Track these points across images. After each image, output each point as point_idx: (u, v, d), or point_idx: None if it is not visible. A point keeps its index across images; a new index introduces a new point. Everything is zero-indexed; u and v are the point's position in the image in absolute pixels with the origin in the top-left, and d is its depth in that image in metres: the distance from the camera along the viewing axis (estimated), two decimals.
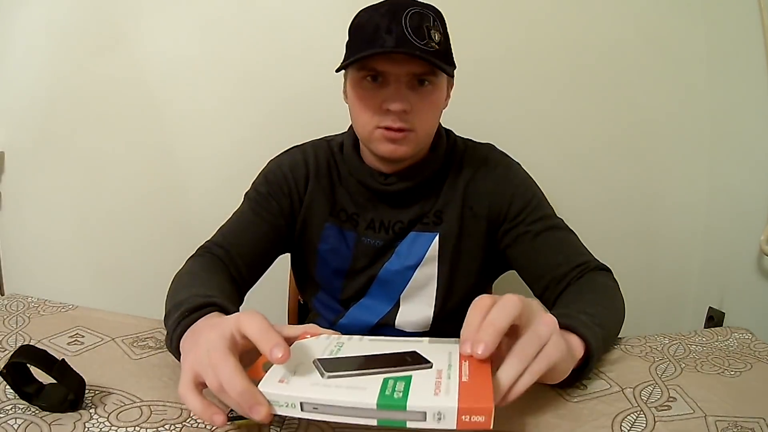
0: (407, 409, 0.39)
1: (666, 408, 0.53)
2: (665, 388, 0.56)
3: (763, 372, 0.60)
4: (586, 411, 0.52)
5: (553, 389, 0.55)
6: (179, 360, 0.54)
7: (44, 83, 1.40)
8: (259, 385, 0.43)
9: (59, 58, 1.38)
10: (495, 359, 0.46)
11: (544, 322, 0.49)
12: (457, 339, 0.48)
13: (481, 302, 0.48)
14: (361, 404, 0.40)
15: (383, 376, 0.43)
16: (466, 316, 0.47)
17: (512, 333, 0.48)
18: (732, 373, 0.60)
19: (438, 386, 0.41)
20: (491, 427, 0.38)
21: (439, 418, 0.39)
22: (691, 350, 0.66)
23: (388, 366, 0.45)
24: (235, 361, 0.44)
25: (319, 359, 0.46)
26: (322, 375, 0.43)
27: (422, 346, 0.50)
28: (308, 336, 0.53)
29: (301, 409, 0.41)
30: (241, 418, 0.46)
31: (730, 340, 0.68)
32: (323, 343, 0.51)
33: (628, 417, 0.51)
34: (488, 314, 0.46)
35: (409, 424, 0.40)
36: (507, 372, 0.46)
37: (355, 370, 0.44)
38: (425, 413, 0.39)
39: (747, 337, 0.69)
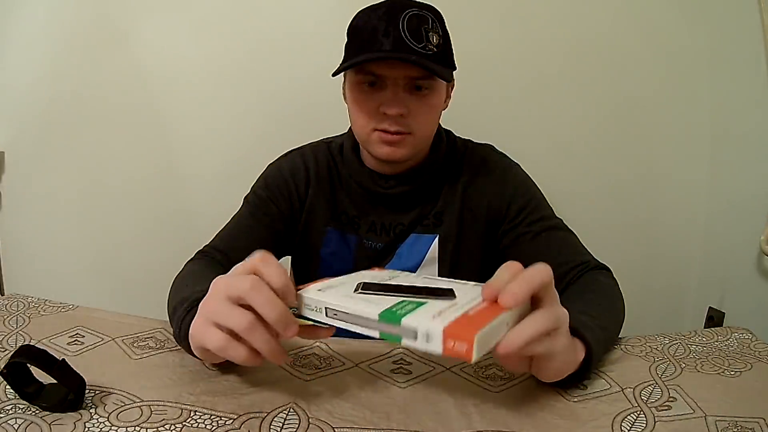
0: (401, 324, 0.41)
1: (666, 408, 0.53)
2: (665, 388, 0.56)
3: (763, 372, 0.60)
4: (586, 411, 0.52)
5: (553, 389, 0.55)
6: (189, 351, 0.55)
7: (44, 83, 1.40)
8: (299, 290, 0.48)
9: (59, 58, 1.38)
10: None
11: (563, 312, 0.49)
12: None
13: (511, 265, 0.47)
14: (366, 314, 0.43)
15: (403, 297, 0.46)
16: (496, 273, 0.47)
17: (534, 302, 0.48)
18: (732, 373, 0.60)
19: (441, 312, 0.42)
20: (472, 359, 0.39)
21: (427, 339, 0.40)
22: (691, 350, 0.65)
23: (416, 293, 0.47)
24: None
25: (364, 282, 0.50)
26: (355, 291, 0.48)
27: (464, 286, 0.51)
28: (374, 270, 0.58)
29: (326, 314, 0.46)
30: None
31: (730, 340, 0.68)
32: (380, 274, 0.56)
33: (628, 417, 0.51)
34: (523, 272, 0.46)
35: (404, 342, 0.41)
36: (528, 328, 0.45)
37: (386, 291, 0.47)
38: (416, 332, 0.40)
39: (747, 337, 0.69)
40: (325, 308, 0.46)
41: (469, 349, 0.38)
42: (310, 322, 0.48)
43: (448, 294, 0.47)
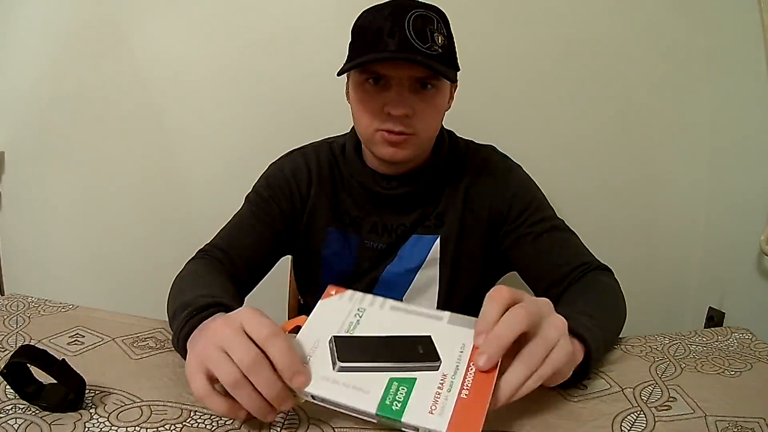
0: (402, 421, 0.42)
1: (666, 408, 0.53)
2: (665, 388, 0.56)
3: (763, 372, 0.60)
4: (586, 411, 0.52)
5: (553, 389, 0.55)
6: (186, 359, 0.54)
7: (44, 83, 1.40)
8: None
9: (59, 59, 1.38)
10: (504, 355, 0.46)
11: (554, 325, 0.49)
12: (474, 320, 0.49)
13: (499, 297, 0.47)
14: (362, 408, 0.43)
15: (390, 375, 0.45)
16: (483, 307, 0.47)
17: (521, 336, 0.47)
18: (732, 373, 0.60)
19: (436, 401, 0.43)
20: None
21: None
22: (691, 350, 0.65)
23: (398, 359, 0.46)
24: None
25: (335, 337, 0.48)
26: (333, 365, 0.46)
27: (440, 327, 0.50)
28: (333, 293, 0.55)
29: (312, 398, 0.45)
30: None
31: (730, 340, 0.68)
32: (345, 307, 0.53)
33: (628, 417, 0.51)
34: (497, 325, 0.45)
35: (404, 430, 0.43)
36: (512, 378, 0.46)
37: (366, 360, 0.46)
38: (418, 429, 0.42)
39: (747, 337, 0.69)
40: (312, 396, 0.45)
41: None
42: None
43: (433, 357, 0.47)
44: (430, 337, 0.49)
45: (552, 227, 0.82)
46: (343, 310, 0.52)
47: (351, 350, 0.47)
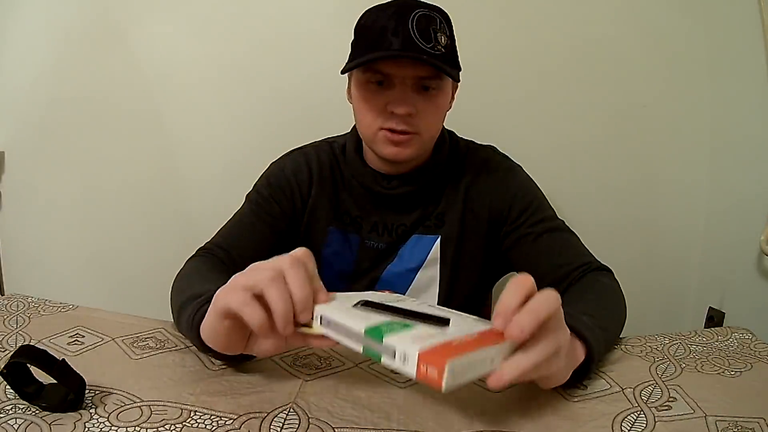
0: (383, 342, 0.41)
1: (666, 408, 0.53)
2: (665, 388, 0.56)
3: (763, 372, 0.60)
4: (586, 411, 0.52)
5: (553, 389, 0.55)
6: (199, 347, 0.57)
7: (44, 83, 1.40)
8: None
9: (59, 59, 1.38)
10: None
11: (565, 332, 0.49)
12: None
13: (522, 281, 0.46)
14: (353, 327, 0.44)
15: (395, 318, 0.46)
16: (504, 292, 0.46)
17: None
18: (732, 373, 0.60)
19: (426, 338, 0.42)
20: (442, 387, 0.38)
21: (403, 361, 0.40)
22: (691, 350, 0.66)
23: (411, 317, 0.47)
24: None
25: (365, 300, 0.51)
26: (354, 305, 0.49)
27: (462, 318, 0.50)
28: (384, 292, 0.59)
29: (320, 323, 0.47)
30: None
31: (730, 340, 0.68)
32: (388, 297, 0.56)
33: (629, 417, 0.51)
34: (531, 300, 0.45)
35: (383, 360, 0.42)
36: (526, 359, 0.44)
37: (382, 311, 0.48)
38: (395, 351, 0.41)
39: (747, 337, 0.69)
40: (320, 316, 0.47)
41: (440, 375, 0.37)
42: (306, 331, 0.48)
43: (442, 322, 0.47)
44: (448, 319, 0.49)
45: (552, 228, 0.82)
46: (386, 297, 0.56)
47: (373, 305, 0.50)
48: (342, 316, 0.46)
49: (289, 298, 0.46)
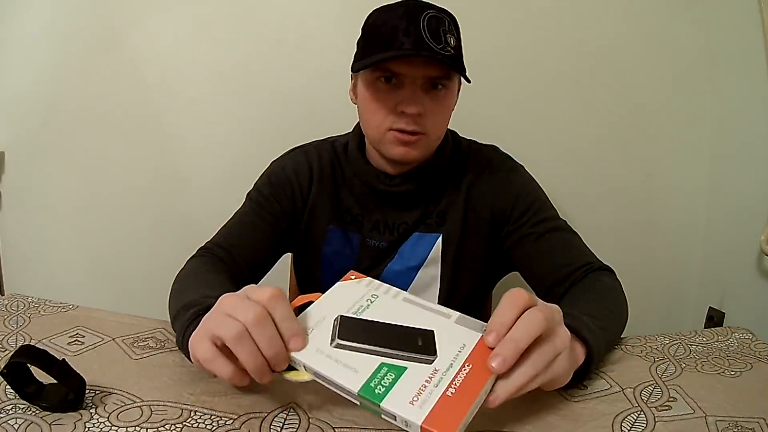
0: (380, 406, 0.41)
1: (666, 408, 0.53)
2: (665, 388, 0.56)
3: (763, 372, 0.60)
4: (586, 411, 0.52)
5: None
6: (189, 358, 0.55)
7: (44, 83, 1.40)
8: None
9: (59, 59, 1.38)
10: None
11: (563, 335, 0.49)
12: (483, 325, 0.49)
13: (517, 298, 0.46)
14: (347, 386, 0.43)
15: (382, 360, 0.45)
16: (499, 306, 0.47)
17: None
18: (732, 373, 0.60)
19: (420, 393, 0.42)
20: None
21: (407, 425, 0.41)
22: (692, 350, 0.66)
23: (395, 346, 0.46)
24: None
25: (342, 316, 0.49)
26: (332, 341, 0.47)
27: (446, 325, 0.50)
28: (352, 277, 0.56)
29: (305, 369, 0.46)
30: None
31: (730, 340, 0.68)
32: (360, 291, 0.54)
33: (629, 417, 0.51)
34: (514, 328, 0.45)
35: (383, 417, 0.42)
36: (517, 378, 0.45)
37: (363, 342, 0.46)
38: (395, 416, 0.41)
39: (747, 337, 0.69)
40: (303, 366, 0.46)
41: None
42: (295, 378, 0.47)
43: (429, 351, 0.46)
44: (432, 331, 0.49)
45: (554, 227, 0.82)
46: (357, 294, 0.53)
47: (352, 330, 0.48)
48: (328, 368, 0.44)
49: (259, 354, 0.45)
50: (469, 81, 0.77)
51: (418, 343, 0.47)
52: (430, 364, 0.45)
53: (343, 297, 0.53)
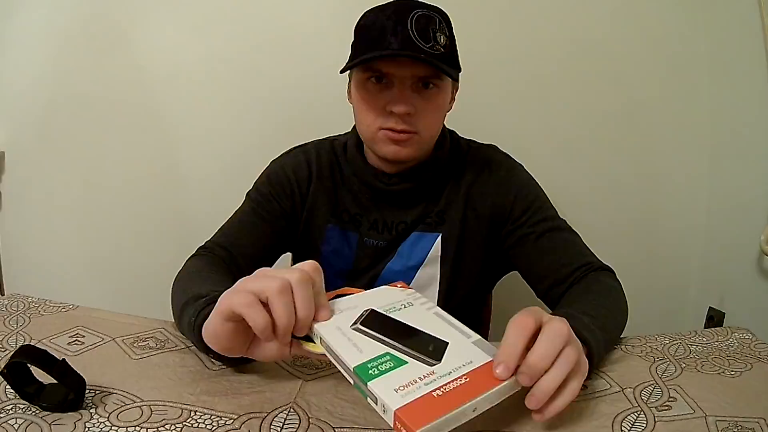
0: (367, 386, 0.43)
1: (666, 408, 0.53)
2: (665, 388, 0.56)
3: (763, 372, 0.60)
4: (586, 411, 0.52)
5: None
6: (200, 348, 0.57)
7: (44, 83, 1.40)
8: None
9: (59, 58, 1.38)
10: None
11: (577, 347, 0.49)
12: (497, 347, 0.48)
13: (523, 323, 0.47)
14: (346, 361, 0.45)
15: (388, 350, 0.46)
16: (507, 334, 0.46)
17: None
18: (732, 373, 0.60)
19: (409, 385, 0.42)
20: None
21: (384, 410, 0.41)
22: (692, 350, 0.66)
23: (405, 344, 0.47)
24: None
25: (372, 310, 0.52)
26: (353, 324, 0.49)
27: (463, 341, 0.50)
28: (398, 286, 0.59)
29: (320, 342, 0.48)
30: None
31: (731, 340, 0.68)
32: (398, 296, 0.56)
33: (629, 417, 0.51)
34: (537, 347, 0.45)
35: (368, 400, 0.43)
36: (550, 380, 0.45)
37: (379, 332, 0.48)
38: (377, 399, 0.42)
39: (747, 337, 0.69)
40: (320, 337, 0.48)
41: None
42: (311, 348, 0.49)
43: (435, 357, 0.46)
44: (447, 343, 0.49)
45: (554, 227, 0.82)
46: (395, 298, 0.55)
47: (374, 322, 0.50)
48: (339, 342, 0.46)
49: (293, 312, 0.46)
50: (456, 80, 0.77)
51: (429, 348, 0.48)
52: (431, 366, 0.45)
53: (381, 297, 0.55)
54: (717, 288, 1.41)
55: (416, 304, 0.55)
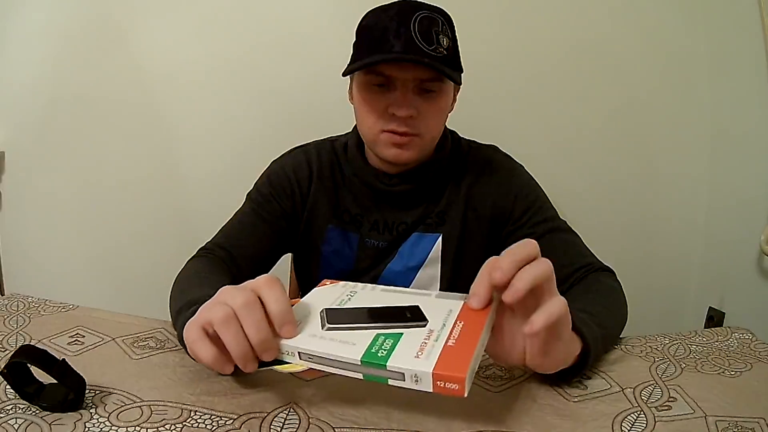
0: (387, 368, 0.41)
1: (666, 408, 0.53)
2: (665, 388, 0.56)
3: (764, 372, 0.60)
4: (586, 411, 0.52)
5: (553, 389, 0.55)
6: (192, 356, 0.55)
7: (44, 83, 1.40)
8: None
9: (59, 58, 1.38)
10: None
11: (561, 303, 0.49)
12: (464, 295, 0.50)
13: (494, 262, 0.47)
14: (348, 358, 0.42)
15: (376, 332, 0.45)
16: (479, 273, 0.48)
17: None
18: (732, 373, 0.60)
19: (423, 348, 0.43)
20: (465, 394, 0.39)
21: (416, 380, 0.40)
22: (692, 350, 0.65)
23: (386, 320, 0.47)
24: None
25: (326, 309, 0.50)
26: (322, 326, 0.47)
27: (428, 300, 0.51)
28: (327, 283, 0.57)
29: (300, 358, 0.45)
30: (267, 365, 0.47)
31: (731, 340, 0.68)
32: (338, 291, 0.55)
33: (629, 417, 0.51)
34: (524, 268, 0.46)
35: (391, 382, 0.42)
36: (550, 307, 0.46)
37: (354, 322, 0.47)
38: (404, 374, 0.41)
39: (747, 337, 0.69)
40: (298, 353, 0.45)
41: (461, 387, 0.39)
42: (287, 369, 0.46)
43: (420, 318, 0.47)
44: (417, 305, 0.50)
45: (555, 228, 0.82)
46: (335, 294, 0.55)
47: (340, 316, 0.49)
48: (327, 346, 0.44)
49: (245, 339, 0.44)
50: (458, 83, 0.76)
51: (407, 315, 0.48)
52: (424, 327, 0.46)
53: (321, 298, 0.53)
54: (717, 288, 1.41)
55: (359, 291, 0.55)
